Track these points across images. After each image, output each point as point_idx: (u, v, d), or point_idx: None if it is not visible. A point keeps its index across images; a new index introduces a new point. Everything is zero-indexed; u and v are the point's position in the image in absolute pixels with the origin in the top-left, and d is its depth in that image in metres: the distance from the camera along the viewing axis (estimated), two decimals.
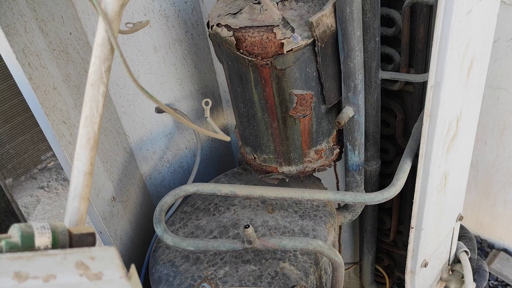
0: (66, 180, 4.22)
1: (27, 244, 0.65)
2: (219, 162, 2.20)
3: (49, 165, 4.39)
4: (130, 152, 1.77)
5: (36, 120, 1.29)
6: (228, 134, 2.16)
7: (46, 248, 0.66)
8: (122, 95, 1.67)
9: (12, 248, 0.64)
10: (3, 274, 0.61)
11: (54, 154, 4.31)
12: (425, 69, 1.57)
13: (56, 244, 0.68)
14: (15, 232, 0.65)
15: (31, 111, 1.27)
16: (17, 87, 1.21)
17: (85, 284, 0.62)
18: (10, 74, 1.21)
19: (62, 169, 4.31)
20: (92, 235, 0.73)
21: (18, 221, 1.70)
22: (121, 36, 1.58)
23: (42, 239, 0.67)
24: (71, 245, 0.70)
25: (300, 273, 1.45)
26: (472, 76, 1.43)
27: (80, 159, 0.77)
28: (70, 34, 1.37)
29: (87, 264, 0.62)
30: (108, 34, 0.74)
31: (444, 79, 1.24)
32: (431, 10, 1.46)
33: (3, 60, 1.17)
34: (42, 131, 1.31)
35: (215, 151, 2.15)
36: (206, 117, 1.08)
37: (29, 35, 1.19)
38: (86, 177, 0.77)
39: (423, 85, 1.63)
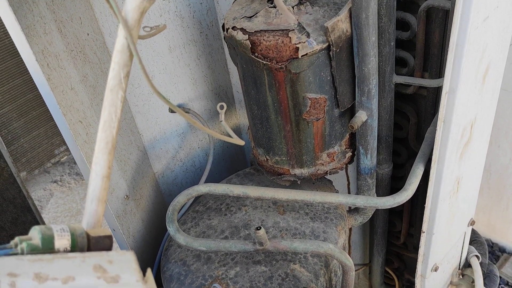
0: (78, 175, 4.27)
1: (47, 246, 0.67)
2: (231, 162, 2.21)
3: (62, 159, 4.45)
4: (143, 151, 1.79)
5: (50, 115, 1.32)
6: (240, 135, 2.17)
7: (65, 250, 0.68)
8: (137, 94, 1.69)
9: (33, 250, 0.66)
10: (24, 275, 0.63)
11: (67, 148, 4.36)
12: (439, 73, 1.57)
13: (75, 246, 0.69)
14: (35, 234, 0.67)
15: (45, 106, 1.29)
16: (32, 82, 1.23)
17: (102, 286, 0.64)
18: (26, 69, 1.23)
19: (75, 163, 4.36)
20: (109, 237, 0.74)
21: (33, 216, 1.74)
22: None
23: (62, 241, 0.68)
24: (89, 247, 0.72)
25: (310, 275, 1.46)
26: (488, 82, 1.42)
27: (98, 163, 0.79)
28: (88, 35, 1.39)
29: (104, 268, 0.64)
30: (128, 41, 0.75)
31: (459, 85, 1.23)
32: (447, 15, 1.45)
33: (19, 56, 1.19)
34: (56, 126, 1.33)
35: (227, 151, 2.16)
36: (221, 121, 1.10)
37: (48, 36, 1.21)
38: (103, 180, 0.79)
39: (437, 89, 1.62)
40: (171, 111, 1.81)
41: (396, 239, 2.22)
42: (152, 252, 1.85)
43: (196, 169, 2.08)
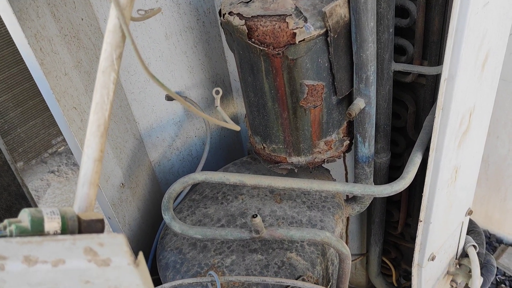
0: (76, 165, 4.26)
1: (37, 229, 0.65)
2: (228, 150, 2.20)
3: (59, 149, 4.43)
4: (139, 139, 1.77)
5: (46, 105, 1.30)
6: (237, 123, 2.15)
7: (55, 233, 0.67)
8: (133, 82, 1.67)
9: (22, 233, 0.64)
10: (13, 258, 0.61)
11: (65, 139, 4.34)
12: (438, 61, 1.55)
13: (65, 229, 0.68)
14: (25, 216, 0.66)
15: (42, 96, 1.27)
16: (28, 71, 1.21)
17: (93, 269, 0.63)
18: (22, 58, 1.22)
19: (72, 154, 4.35)
20: (101, 221, 0.73)
21: (28, 204, 1.72)
22: (132, 22, 1.58)
23: (52, 224, 0.67)
24: (80, 231, 0.71)
25: (306, 264, 1.46)
26: (487, 70, 1.40)
27: (90, 146, 0.77)
28: (82, 19, 1.36)
29: (95, 250, 0.63)
30: (120, 21, 0.73)
31: (458, 72, 1.22)
32: (446, 2, 1.43)
33: (15, 45, 1.18)
34: (53, 116, 1.32)
35: (224, 140, 2.15)
36: (217, 106, 1.08)
37: (41, 20, 1.19)
38: (95, 164, 0.77)
39: (436, 78, 1.61)
40: (168, 99, 1.79)
41: (393, 229, 2.22)
42: (148, 240, 1.84)
43: (193, 158, 2.07)
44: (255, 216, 1.30)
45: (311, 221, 1.58)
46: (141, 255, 0.66)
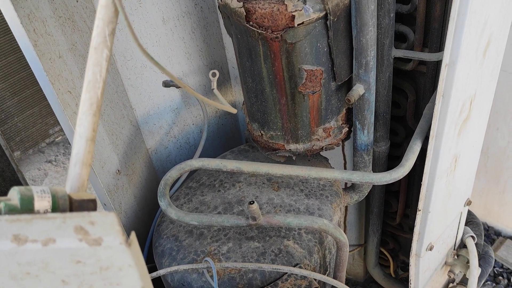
0: None
1: (26, 207, 0.64)
2: (226, 139, 2.18)
3: (57, 139, 4.41)
4: (136, 126, 1.75)
5: (43, 94, 1.28)
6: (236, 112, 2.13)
7: (45, 212, 0.65)
8: (129, 67, 1.64)
9: (11, 211, 0.63)
10: (2, 237, 0.60)
11: (62, 129, 4.32)
12: (439, 49, 1.53)
13: (56, 208, 0.66)
14: (14, 194, 0.64)
15: (39, 85, 1.25)
16: (25, 60, 1.19)
17: (84, 249, 0.61)
18: (19, 47, 1.19)
19: (69, 143, 4.33)
20: (93, 201, 0.71)
21: None
22: (128, 6, 1.55)
23: (42, 202, 0.65)
24: (71, 211, 0.69)
25: (304, 252, 1.44)
26: (489, 56, 1.38)
27: (82, 125, 0.75)
28: (77, 1, 1.34)
29: (86, 229, 0.61)
30: None
31: (459, 58, 1.20)
32: None
33: (11, 33, 1.15)
34: (50, 106, 1.29)
35: (222, 128, 2.13)
36: (213, 89, 1.06)
37: (34, 0, 1.17)
38: (88, 143, 0.76)
39: (437, 66, 1.59)
40: (165, 85, 1.77)
41: (391, 219, 2.21)
42: (145, 228, 1.82)
43: (190, 147, 2.05)
44: (252, 202, 1.28)
45: (309, 209, 1.56)
46: (133, 234, 0.65)
